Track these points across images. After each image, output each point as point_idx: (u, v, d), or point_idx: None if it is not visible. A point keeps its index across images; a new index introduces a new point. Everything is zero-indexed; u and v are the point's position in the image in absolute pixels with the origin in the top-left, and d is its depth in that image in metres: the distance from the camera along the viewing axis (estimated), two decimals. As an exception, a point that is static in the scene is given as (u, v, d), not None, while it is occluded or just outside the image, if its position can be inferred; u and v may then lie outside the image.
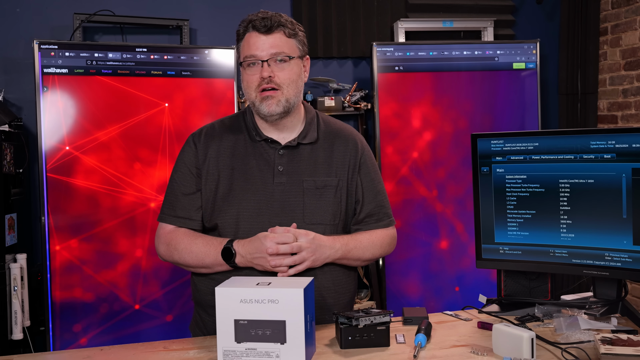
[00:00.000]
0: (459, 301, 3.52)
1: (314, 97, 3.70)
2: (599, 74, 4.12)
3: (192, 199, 1.77)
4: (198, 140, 1.79)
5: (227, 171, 1.75)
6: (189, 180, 1.77)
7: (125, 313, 3.11)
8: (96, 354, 1.55)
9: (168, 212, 1.79)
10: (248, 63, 1.70)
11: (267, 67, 1.68)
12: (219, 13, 3.69)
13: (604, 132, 1.69)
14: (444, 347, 1.53)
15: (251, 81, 1.71)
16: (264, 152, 1.75)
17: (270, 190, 1.72)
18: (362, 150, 1.83)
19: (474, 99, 3.61)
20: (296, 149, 1.76)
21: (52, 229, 3.00)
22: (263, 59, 1.69)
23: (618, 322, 1.66)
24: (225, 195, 1.73)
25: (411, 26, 3.82)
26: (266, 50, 1.69)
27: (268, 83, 1.69)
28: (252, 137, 1.77)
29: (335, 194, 1.75)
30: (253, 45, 1.70)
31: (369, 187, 1.82)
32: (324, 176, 1.75)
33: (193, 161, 1.78)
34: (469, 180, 3.11)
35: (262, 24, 1.69)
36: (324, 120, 1.85)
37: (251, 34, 1.71)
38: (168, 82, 3.20)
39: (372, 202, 1.82)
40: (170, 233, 1.77)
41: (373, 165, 1.86)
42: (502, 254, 1.84)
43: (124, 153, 3.12)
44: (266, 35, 1.69)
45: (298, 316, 1.37)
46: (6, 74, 3.39)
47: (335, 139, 1.81)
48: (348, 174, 1.79)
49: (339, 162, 1.78)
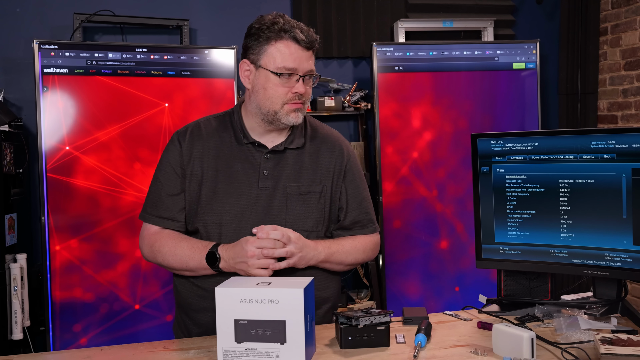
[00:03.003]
0: (459, 301, 3.52)
1: (314, 97, 3.70)
2: (599, 74, 4.12)
3: (175, 199, 1.74)
4: (183, 139, 1.76)
5: (211, 173, 1.72)
6: (173, 181, 1.75)
7: (125, 313, 3.11)
8: (96, 354, 1.55)
9: (151, 212, 1.76)
10: (285, 74, 1.66)
11: (302, 83, 1.67)
12: (219, 13, 3.69)
13: (604, 132, 1.69)
14: (444, 347, 1.53)
15: (281, 92, 1.67)
16: (250, 156, 1.73)
17: (254, 195, 1.71)
18: (348, 157, 1.82)
19: (474, 99, 3.61)
20: (282, 153, 1.74)
21: (52, 229, 3.00)
22: (301, 74, 1.67)
23: (618, 322, 1.66)
24: (208, 198, 1.71)
25: (411, 26, 3.82)
26: (306, 67, 1.68)
27: (300, 98, 1.68)
28: (239, 139, 1.74)
29: (318, 201, 1.74)
30: (295, 59, 1.65)
31: (354, 194, 1.80)
32: (308, 182, 1.74)
33: (178, 161, 1.75)
34: (469, 180, 3.11)
35: (305, 38, 1.66)
36: (311, 125, 1.83)
37: (290, 44, 1.65)
38: (168, 82, 3.20)
39: (356, 209, 1.81)
40: (154, 235, 1.75)
41: (358, 172, 1.84)
42: (502, 254, 1.84)
43: (124, 153, 3.12)
44: (307, 51, 1.68)
45: (298, 316, 1.37)
46: (6, 74, 3.39)
47: (322, 144, 1.80)
48: (333, 180, 1.77)
49: (324, 168, 1.77)
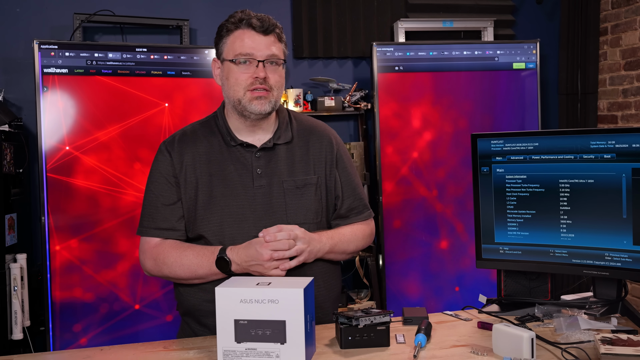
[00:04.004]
0: (459, 301, 3.52)
1: (314, 97, 3.70)
2: (599, 74, 4.12)
3: (173, 209, 1.72)
4: (172, 148, 1.74)
5: (206, 178, 1.71)
6: (167, 190, 1.72)
7: (125, 313, 3.11)
8: (96, 354, 1.55)
9: (148, 225, 1.73)
10: (241, 60, 1.68)
11: (262, 67, 1.67)
12: (219, 13, 3.66)
13: (604, 132, 1.69)
14: (444, 347, 1.53)
15: (242, 79, 1.68)
16: (241, 156, 1.73)
17: (251, 194, 1.70)
18: (337, 145, 1.83)
19: (474, 99, 3.61)
20: (272, 150, 1.74)
21: (52, 229, 3.00)
22: (259, 59, 1.67)
23: (618, 322, 1.66)
24: (206, 203, 1.70)
25: (411, 26, 3.82)
26: (263, 50, 1.67)
27: (261, 84, 1.67)
28: (227, 142, 1.74)
29: (315, 192, 1.75)
30: (250, 44, 1.67)
31: (347, 181, 1.82)
32: (302, 175, 1.74)
33: (170, 170, 1.73)
34: (469, 180, 3.11)
35: (260, 24, 1.67)
36: (296, 118, 1.84)
37: (245, 32, 1.68)
38: (168, 82, 3.20)
39: (351, 195, 1.82)
40: (156, 247, 1.72)
41: (348, 159, 1.86)
42: (502, 254, 1.84)
43: (124, 153, 3.12)
44: (263, 35, 1.68)
45: (298, 316, 1.37)
46: (6, 74, 3.39)
47: (310, 136, 1.80)
48: (326, 170, 1.78)
49: (316, 159, 1.78)
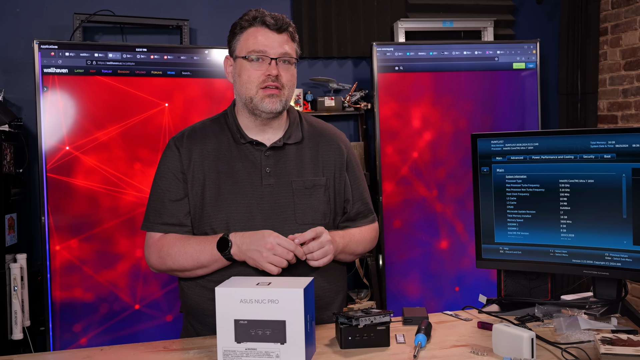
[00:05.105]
0: (459, 301, 3.52)
1: (314, 97, 3.70)
2: (599, 74, 4.12)
3: (180, 205, 1.72)
4: (180, 144, 1.75)
5: (213, 175, 1.71)
6: (175, 186, 1.73)
7: (125, 313, 3.11)
8: (96, 354, 1.55)
9: (155, 220, 1.73)
10: (254, 58, 1.68)
11: (274, 65, 1.67)
12: (219, 13, 3.69)
13: (604, 132, 1.69)
14: (444, 347, 1.53)
15: (254, 76, 1.68)
16: (250, 154, 1.73)
17: (259, 193, 1.70)
18: (347, 149, 1.84)
19: (474, 99, 3.61)
20: (282, 149, 1.74)
21: (52, 229, 3.00)
22: (272, 56, 1.67)
23: (618, 322, 1.66)
24: (213, 200, 1.70)
25: (411, 26, 3.82)
26: (276, 48, 1.67)
27: (273, 81, 1.67)
28: (236, 140, 1.74)
29: (324, 193, 1.75)
30: (263, 41, 1.67)
31: (356, 185, 1.83)
32: (311, 176, 1.74)
33: (177, 166, 1.74)
34: (469, 180, 3.11)
35: (273, 22, 1.68)
36: (307, 120, 1.84)
37: (259, 29, 1.68)
38: (168, 82, 3.20)
39: (359, 200, 1.83)
40: (159, 240, 1.72)
41: (357, 163, 1.87)
42: (502, 254, 1.84)
43: (124, 153, 3.12)
44: (277, 33, 1.68)
45: (298, 316, 1.37)
46: (6, 74, 3.39)
47: (320, 138, 1.80)
48: (335, 172, 1.78)
49: (325, 161, 1.78)
